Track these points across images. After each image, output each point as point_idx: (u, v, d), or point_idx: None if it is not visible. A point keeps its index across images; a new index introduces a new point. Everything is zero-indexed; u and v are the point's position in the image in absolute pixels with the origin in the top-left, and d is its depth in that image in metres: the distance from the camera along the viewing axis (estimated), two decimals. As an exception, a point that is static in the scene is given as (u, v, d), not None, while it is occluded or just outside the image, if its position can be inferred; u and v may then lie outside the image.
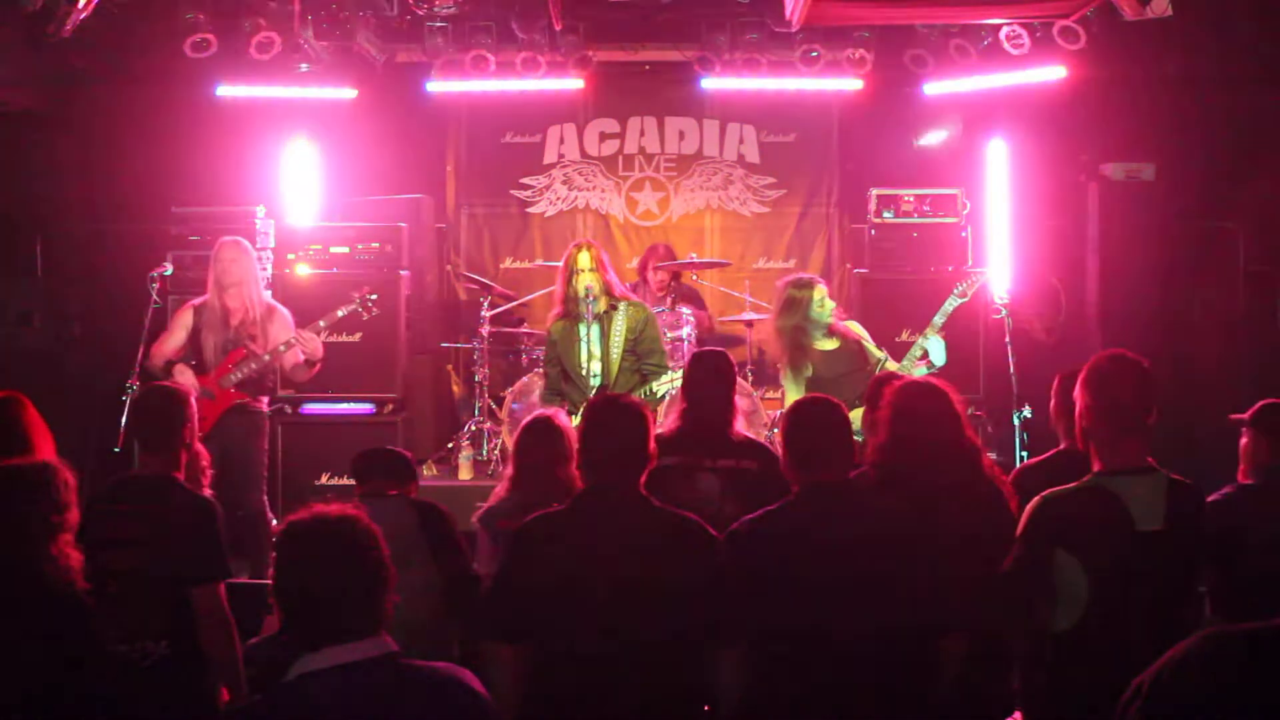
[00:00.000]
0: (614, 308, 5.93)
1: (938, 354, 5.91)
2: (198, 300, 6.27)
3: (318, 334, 6.27)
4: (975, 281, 6.24)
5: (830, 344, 5.91)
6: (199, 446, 4.48)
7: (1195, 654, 2.03)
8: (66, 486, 3.38)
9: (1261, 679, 1.98)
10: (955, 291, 6.16)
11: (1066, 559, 3.21)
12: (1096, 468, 3.30)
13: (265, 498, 6.33)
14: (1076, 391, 3.38)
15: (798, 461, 3.44)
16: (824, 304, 5.86)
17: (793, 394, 5.73)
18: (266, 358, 6.15)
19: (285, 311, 6.41)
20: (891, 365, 5.89)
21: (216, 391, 6.09)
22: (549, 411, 4.50)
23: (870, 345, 6.01)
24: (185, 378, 5.95)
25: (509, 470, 4.38)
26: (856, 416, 4.31)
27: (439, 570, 3.99)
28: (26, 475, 3.36)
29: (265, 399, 6.38)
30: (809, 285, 5.89)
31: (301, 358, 6.24)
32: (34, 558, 3.26)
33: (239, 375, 6.10)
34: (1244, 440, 4.05)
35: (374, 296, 6.47)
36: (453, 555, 4.06)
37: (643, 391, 5.72)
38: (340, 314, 6.38)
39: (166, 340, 6.21)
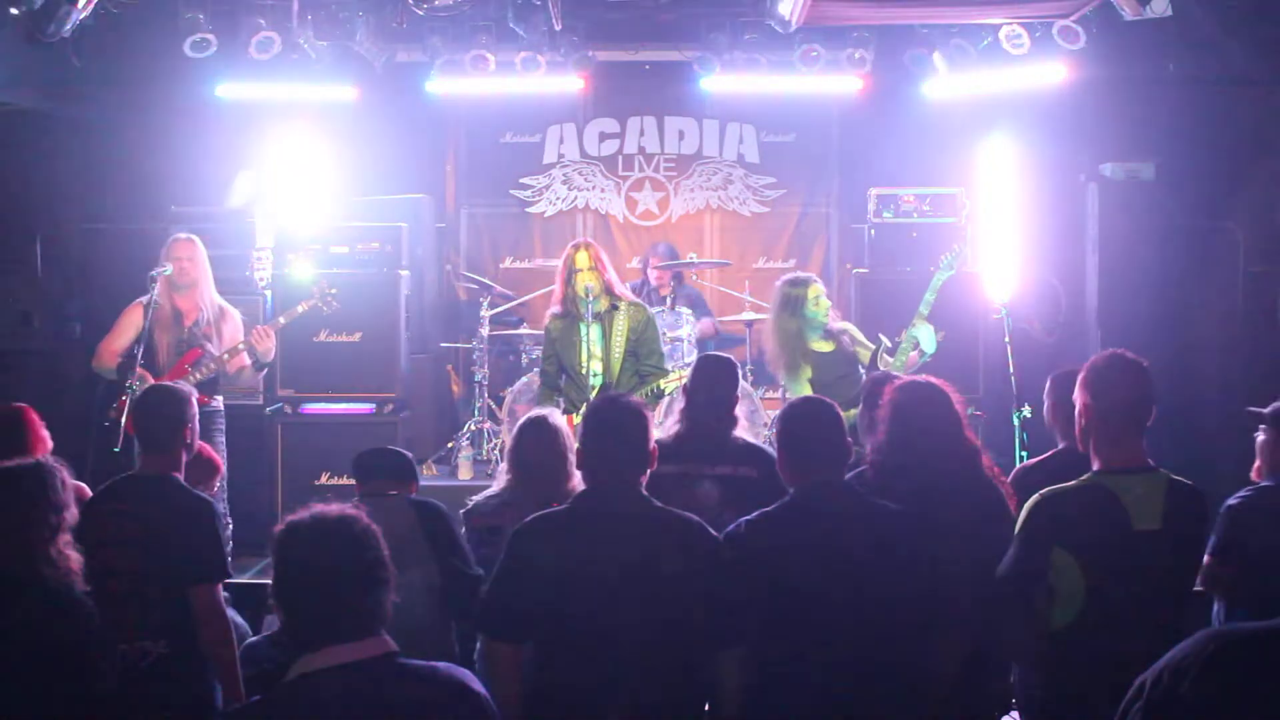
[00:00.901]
0: (615, 308, 5.92)
1: (928, 341, 5.87)
2: (145, 298, 6.06)
3: (277, 329, 6.17)
4: (958, 253, 6.16)
5: (826, 346, 5.91)
6: (212, 451, 4.50)
7: (1198, 654, 2.03)
8: (64, 486, 3.38)
9: (1264, 679, 1.98)
10: (942, 264, 6.08)
11: (1063, 557, 3.21)
12: (1095, 467, 3.30)
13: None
14: (1076, 391, 3.38)
15: (793, 463, 3.45)
16: (819, 303, 5.85)
17: (796, 395, 5.72)
18: (226, 358, 6.05)
19: (236, 312, 6.35)
20: (887, 357, 5.87)
21: None
22: (545, 411, 4.50)
23: (862, 343, 5.98)
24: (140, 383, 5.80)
25: (506, 469, 4.38)
26: (849, 417, 4.29)
27: (439, 570, 3.99)
28: (24, 476, 3.36)
29: (220, 398, 6.26)
30: (805, 283, 5.89)
31: (249, 361, 6.11)
32: (33, 558, 3.26)
33: (197, 377, 5.96)
34: (1262, 438, 4.02)
35: (334, 290, 6.39)
36: (452, 555, 4.06)
37: (648, 391, 5.70)
38: (300, 309, 6.30)
39: (115, 339, 6.07)
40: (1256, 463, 4.04)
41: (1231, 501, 3.87)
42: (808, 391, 5.65)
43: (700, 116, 9.34)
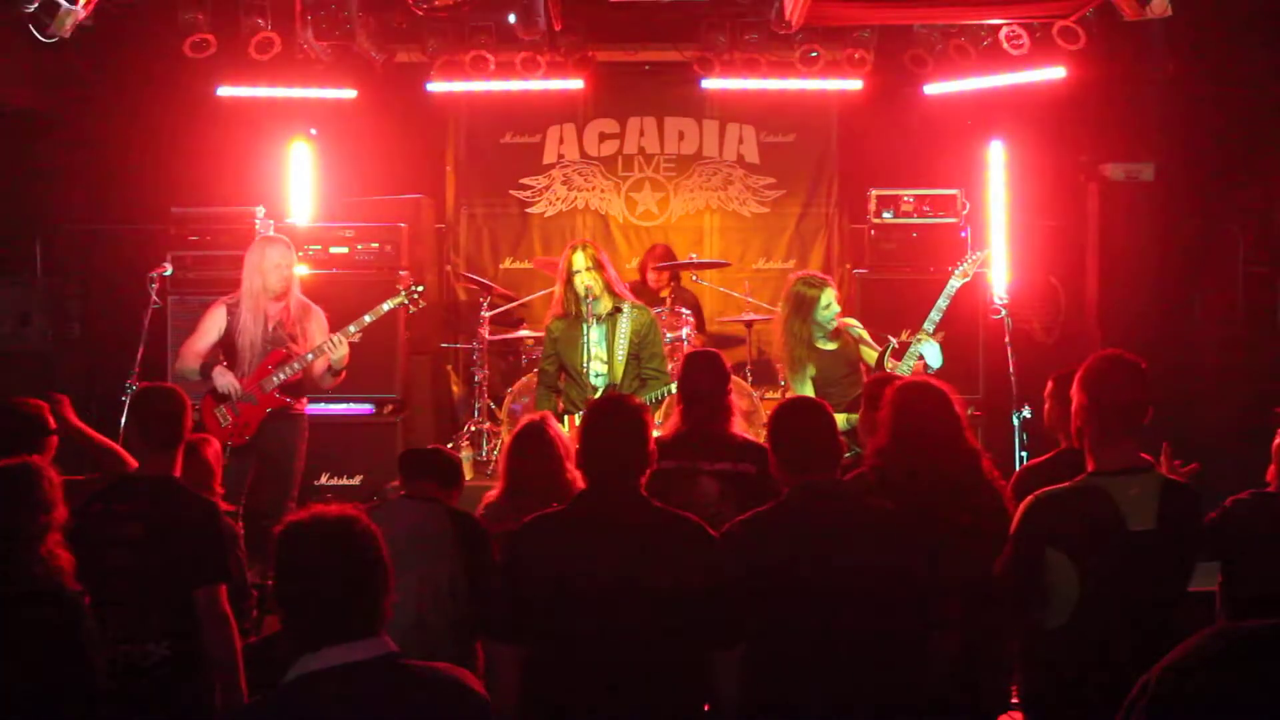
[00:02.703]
0: (618, 310, 5.89)
1: (934, 358, 5.88)
2: (229, 299, 5.94)
3: (361, 329, 5.92)
4: (976, 259, 6.11)
5: (831, 346, 5.91)
6: (209, 452, 4.48)
7: (1201, 652, 2.03)
8: (51, 485, 3.38)
9: (1268, 677, 1.98)
10: (956, 273, 6.05)
11: (1058, 558, 3.22)
12: (1090, 467, 3.31)
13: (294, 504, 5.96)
14: (1073, 390, 3.38)
15: (786, 463, 3.45)
16: (830, 307, 5.84)
17: (797, 394, 5.71)
18: (310, 357, 5.84)
19: (319, 309, 6.10)
20: (893, 360, 5.86)
21: (259, 395, 5.79)
22: (538, 417, 4.48)
23: (867, 343, 5.98)
24: (225, 380, 5.71)
25: (500, 478, 4.38)
26: (841, 419, 4.30)
27: (468, 581, 3.90)
28: (10, 476, 3.35)
29: (305, 400, 6.06)
30: (819, 285, 5.87)
31: (330, 363, 5.90)
32: (23, 558, 3.26)
33: (281, 378, 5.80)
34: (1278, 441, 3.98)
35: (420, 288, 6.12)
36: (484, 570, 3.96)
37: (654, 396, 5.68)
38: (385, 307, 6.02)
39: (197, 340, 5.88)
40: (1272, 466, 3.93)
41: (1227, 504, 3.82)
42: (809, 390, 5.66)
43: (700, 117, 9.33)
